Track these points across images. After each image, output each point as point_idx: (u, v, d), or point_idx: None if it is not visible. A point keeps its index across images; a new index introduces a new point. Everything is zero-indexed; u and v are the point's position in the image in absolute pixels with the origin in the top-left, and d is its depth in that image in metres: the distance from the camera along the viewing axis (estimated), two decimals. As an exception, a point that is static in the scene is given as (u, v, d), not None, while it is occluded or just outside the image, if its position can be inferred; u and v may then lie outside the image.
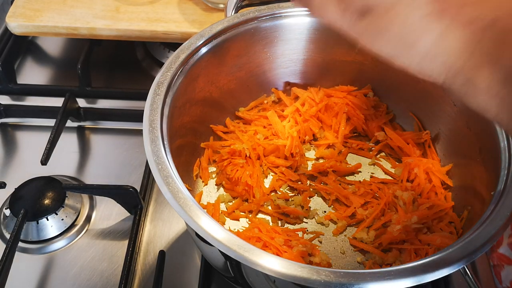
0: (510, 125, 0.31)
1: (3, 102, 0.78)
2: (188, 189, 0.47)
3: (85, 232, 0.65)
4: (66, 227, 0.64)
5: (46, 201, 0.64)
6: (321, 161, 0.66)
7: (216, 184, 0.64)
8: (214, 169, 0.65)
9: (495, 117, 0.31)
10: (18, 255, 0.60)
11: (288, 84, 0.70)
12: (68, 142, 0.74)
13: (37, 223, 0.63)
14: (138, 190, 0.65)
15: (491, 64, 0.30)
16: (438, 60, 0.32)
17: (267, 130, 0.66)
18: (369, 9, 0.33)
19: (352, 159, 0.67)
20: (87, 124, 0.78)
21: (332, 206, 0.62)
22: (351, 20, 0.34)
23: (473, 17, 0.30)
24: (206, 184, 0.64)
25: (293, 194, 0.63)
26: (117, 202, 0.65)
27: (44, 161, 0.66)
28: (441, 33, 0.31)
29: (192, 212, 0.44)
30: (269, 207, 0.62)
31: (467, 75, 0.31)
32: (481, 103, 0.31)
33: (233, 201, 0.62)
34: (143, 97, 0.53)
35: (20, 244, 0.62)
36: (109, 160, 0.73)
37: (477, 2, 0.30)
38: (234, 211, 0.61)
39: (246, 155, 0.63)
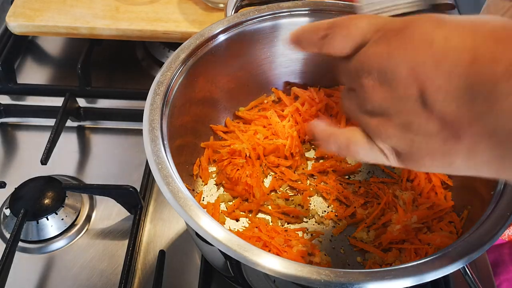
0: None
1: (3, 102, 0.78)
2: (188, 189, 0.47)
3: (85, 232, 0.65)
4: (66, 227, 0.64)
5: (46, 201, 0.64)
6: (321, 161, 0.66)
7: (216, 184, 0.64)
8: (214, 169, 0.65)
9: None
10: (18, 255, 0.60)
11: (288, 84, 0.70)
12: (68, 142, 0.74)
13: (37, 222, 0.63)
14: (138, 190, 0.65)
15: None
16: (481, 169, 0.33)
17: (267, 130, 0.66)
18: (397, 151, 0.35)
19: (352, 159, 0.67)
20: (87, 124, 0.78)
21: (332, 206, 0.62)
22: (395, 161, 0.36)
23: (491, 131, 0.30)
24: (206, 184, 0.64)
25: (293, 194, 0.63)
26: (117, 202, 0.65)
27: (44, 161, 0.66)
28: (468, 153, 0.32)
29: (192, 212, 0.44)
30: (269, 207, 0.62)
31: None
32: None
33: (233, 201, 0.62)
34: (143, 97, 0.53)
35: (20, 244, 0.62)
36: (109, 160, 0.73)
37: (485, 113, 0.30)
38: (234, 211, 0.61)
39: (246, 155, 0.63)
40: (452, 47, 0.31)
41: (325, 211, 0.62)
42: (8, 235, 0.62)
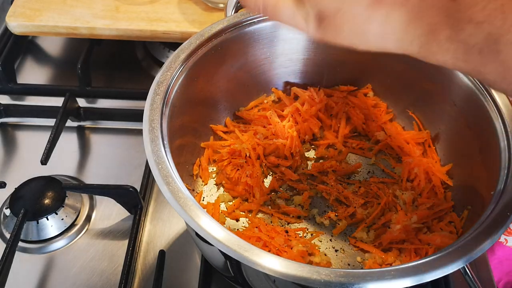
0: (467, 71, 0.37)
1: (3, 102, 0.78)
2: (188, 189, 0.47)
3: (85, 232, 0.65)
4: (66, 227, 0.64)
5: (46, 201, 0.64)
6: (321, 161, 0.66)
7: (216, 184, 0.64)
8: (214, 169, 0.65)
9: (453, 67, 0.37)
10: (18, 255, 0.60)
11: (288, 84, 0.70)
12: (68, 142, 0.74)
13: (37, 222, 0.63)
14: (138, 190, 0.65)
15: (431, 30, 0.35)
16: (390, 39, 0.37)
17: (267, 130, 0.66)
18: (323, 15, 0.38)
19: (352, 159, 0.67)
20: (87, 124, 0.78)
21: (332, 206, 0.62)
22: (313, 27, 0.39)
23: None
24: (206, 184, 0.64)
25: (293, 194, 0.63)
26: (117, 202, 0.65)
27: (44, 161, 0.66)
28: (384, 19, 0.36)
29: (192, 212, 0.44)
30: (269, 207, 0.62)
31: (418, 42, 0.36)
32: (439, 59, 0.36)
33: (233, 201, 0.62)
34: (143, 97, 0.53)
35: (20, 244, 0.62)
36: (109, 160, 0.73)
37: None
38: (234, 211, 0.61)
39: (246, 155, 0.63)
40: None
41: (325, 211, 0.62)
42: (8, 235, 0.62)
